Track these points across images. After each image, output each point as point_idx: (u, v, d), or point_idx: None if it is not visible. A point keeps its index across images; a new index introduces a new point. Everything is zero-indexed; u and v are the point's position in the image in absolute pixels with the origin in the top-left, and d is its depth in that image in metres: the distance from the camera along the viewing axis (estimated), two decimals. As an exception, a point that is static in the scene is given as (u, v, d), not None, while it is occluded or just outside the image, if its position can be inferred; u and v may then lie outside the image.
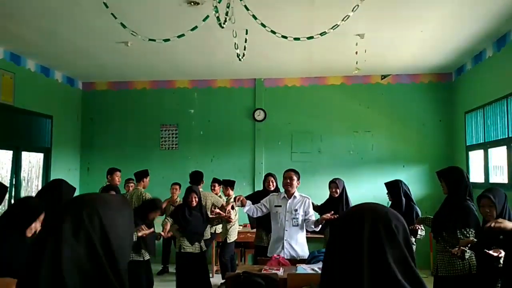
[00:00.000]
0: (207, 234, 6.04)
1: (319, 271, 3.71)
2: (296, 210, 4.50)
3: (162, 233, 5.24)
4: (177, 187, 7.01)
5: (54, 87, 7.69)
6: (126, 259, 1.11)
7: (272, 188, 5.47)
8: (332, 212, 4.50)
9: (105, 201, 1.12)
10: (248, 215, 5.04)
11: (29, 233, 2.80)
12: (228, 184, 6.57)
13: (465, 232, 3.61)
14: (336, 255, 1.16)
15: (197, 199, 5.31)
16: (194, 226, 5.27)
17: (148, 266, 5.05)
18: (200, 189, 5.92)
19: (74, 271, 0.98)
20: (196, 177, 6.35)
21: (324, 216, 4.47)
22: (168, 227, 5.26)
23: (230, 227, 6.33)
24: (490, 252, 3.12)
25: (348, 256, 1.13)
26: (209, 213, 5.73)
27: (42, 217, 2.85)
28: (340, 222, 1.22)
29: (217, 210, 5.62)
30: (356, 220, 1.17)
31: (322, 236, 5.51)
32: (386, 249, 1.11)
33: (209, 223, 5.69)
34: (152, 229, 4.92)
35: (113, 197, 1.21)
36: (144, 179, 6.23)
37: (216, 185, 6.84)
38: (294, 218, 4.50)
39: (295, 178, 4.57)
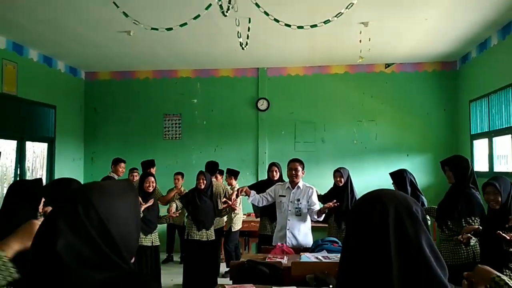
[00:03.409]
0: (221, 223, 6.03)
1: (323, 260, 3.73)
2: (298, 200, 4.51)
3: (170, 214, 5.20)
4: (179, 177, 6.99)
5: (57, 77, 7.68)
6: (132, 245, 1.08)
7: (276, 178, 5.44)
8: (335, 200, 4.50)
9: (101, 190, 1.07)
10: (253, 204, 5.04)
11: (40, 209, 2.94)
12: (233, 174, 6.56)
13: (470, 220, 3.64)
14: (358, 247, 1.13)
15: (205, 182, 5.29)
16: (202, 211, 5.26)
17: (156, 253, 5.07)
18: (213, 180, 5.87)
19: (74, 260, 0.96)
20: (210, 167, 6.29)
21: (326, 205, 4.48)
22: (173, 208, 5.22)
23: (235, 216, 6.35)
24: (504, 234, 3.04)
25: (373, 246, 1.10)
26: (219, 201, 5.69)
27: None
28: (359, 212, 1.18)
29: (225, 200, 5.57)
30: (379, 208, 1.13)
31: (326, 225, 5.52)
32: (413, 234, 1.10)
33: (219, 215, 5.69)
34: (151, 201, 4.96)
35: (112, 184, 1.14)
36: (151, 169, 6.25)
37: (218, 175, 6.82)
38: (296, 208, 4.51)
39: (299, 168, 4.57)
